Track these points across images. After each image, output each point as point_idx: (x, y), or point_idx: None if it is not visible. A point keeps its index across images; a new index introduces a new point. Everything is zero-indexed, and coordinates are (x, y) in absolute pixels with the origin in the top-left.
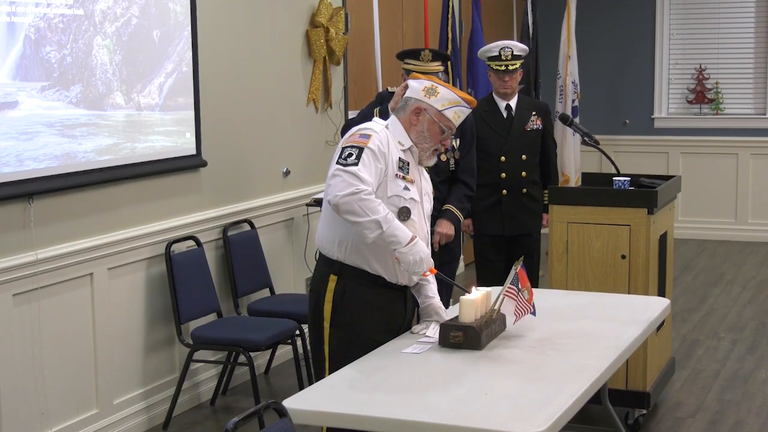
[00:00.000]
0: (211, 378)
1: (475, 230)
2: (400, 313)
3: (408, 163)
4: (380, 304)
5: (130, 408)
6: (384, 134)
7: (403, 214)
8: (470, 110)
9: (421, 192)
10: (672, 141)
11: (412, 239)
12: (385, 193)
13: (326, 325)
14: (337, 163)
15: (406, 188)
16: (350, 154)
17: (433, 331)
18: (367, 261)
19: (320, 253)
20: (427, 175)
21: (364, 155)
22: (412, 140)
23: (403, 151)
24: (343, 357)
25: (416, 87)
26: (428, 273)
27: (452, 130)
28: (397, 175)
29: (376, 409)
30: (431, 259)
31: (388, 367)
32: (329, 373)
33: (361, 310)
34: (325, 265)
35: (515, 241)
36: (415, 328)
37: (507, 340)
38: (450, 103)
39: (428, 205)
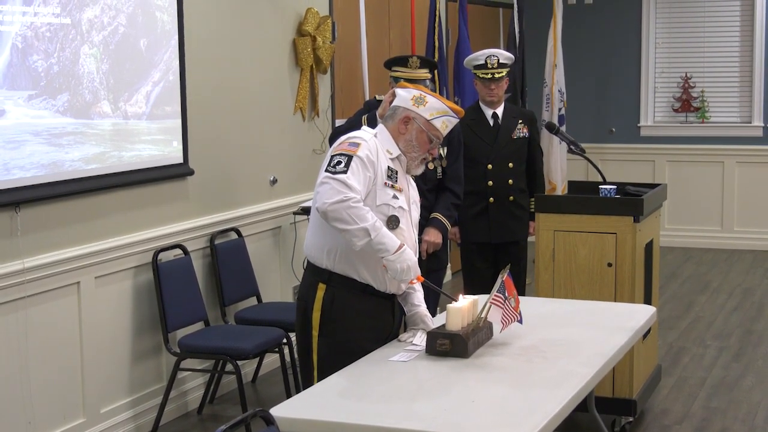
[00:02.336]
0: (199, 386)
1: (462, 238)
2: (387, 321)
3: (396, 172)
4: (368, 312)
5: (118, 417)
6: (373, 143)
7: (392, 222)
8: (458, 120)
9: (409, 200)
10: (658, 149)
11: (399, 247)
12: (374, 202)
13: (315, 333)
14: (326, 170)
15: (395, 197)
16: (339, 162)
17: (419, 339)
18: (355, 269)
19: (308, 261)
20: (414, 184)
21: (353, 163)
22: (400, 149)
23: (392, 159)
24: (331, 365)
25: (405, 96)
26: (415, 281)
27: (440, 139)
28: (386, 183)
29: (363, 417)
30: (418, 268)
31: (375, 375)
32: (317, 382)
33: (350, 319)
34: (314, 273)
35: (502, 249)
36: (402, 336)
37: (494, 348)
38: (438, 112)
39: (416, 213)
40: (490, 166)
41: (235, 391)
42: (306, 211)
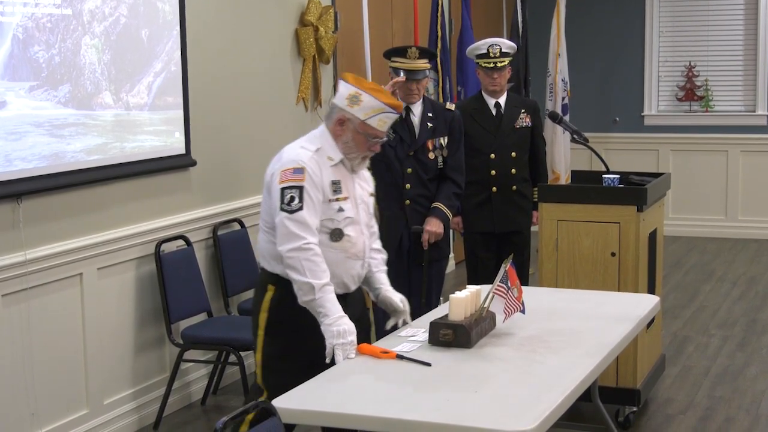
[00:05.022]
0: (202, 377)
1: (466, 228)
2: None
3: (340, 181)
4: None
5: (121, 408)
6: (313, 163)
7: (335, 236)
8: (397, 115)
9: (357, 203)
10: (662, 138)
11: (339, 317)
12: (318, 218)
13: (260, 333)
14: (282, 210)
15: (340, 209)
16: (292, 198)
17: (411, 331)
18: None
19: (260, 265)
20: (364, 176)
21: (305, 195)
22: (340, 151)
23: (335, 165)
24: (275, 365)
25: (341, 93)
26: (353, 355)
27: (380, 137)
28: (330, 200)
29: (365, 408)
30: (355, 336)
31: (377, 365)
32: (261, 380)
33: (295, 321)
34: (265, 276)
35: (505, 239)
36: (388, 324)
37: (497, 339)
38: (374, 110)
39: (366, 211)
40: (493, 156)
41: (238, 382)
42: None
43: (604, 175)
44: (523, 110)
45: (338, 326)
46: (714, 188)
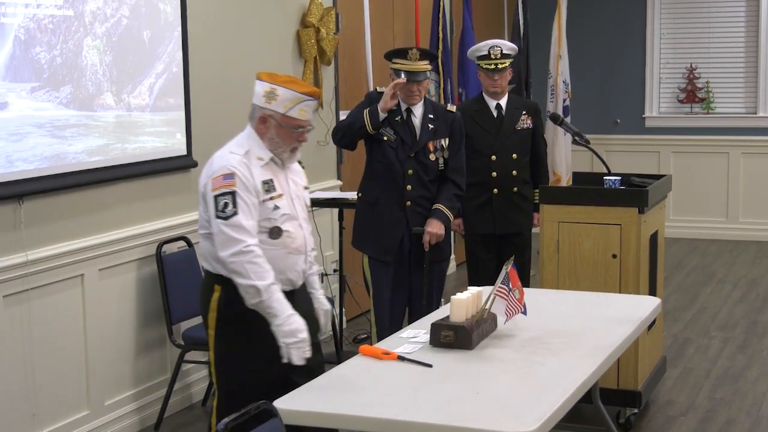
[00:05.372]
0: (203, 379)
1: (466, 229)
2: None
3: (272, 179)
4: None
5: (122, 409)
6: (243, 166)
7: (274, 233)
8: (316, 101)
9: (292, 198)
10: (663, 140)
11: (289, 316)
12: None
13: (211, 333)
14: (218, 217)
15: (276, 207)
16: (226, 204)
17: (412, 332)
18: None
19: (203, 267)
20: (296, 169)
21: (238, 200)
22: (268, 148)
23: (265, 165)
24: (227, 362)
25: (258, 92)
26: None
27: (304, 126)
28: (264, 199)
29: (366, 409)
30: (306, 332)
31: (378, 366)
32: (216, 377)
33: (242, 318)
34: (210, 277)
35: (506, 240)
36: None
37: (498, 340)
38: (292, 102)
39: (302, 205)
40: (494, 157)
41: None
42: (310, 202)
43: (605, 177)
44: (524, 112)
45: (288, 325)
46: (715, 190)
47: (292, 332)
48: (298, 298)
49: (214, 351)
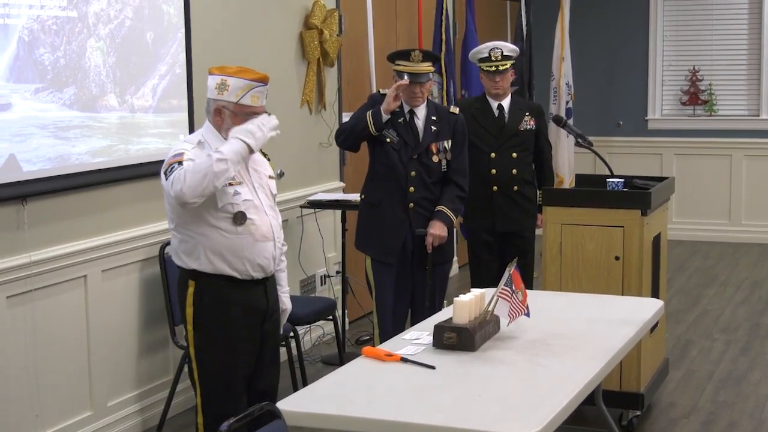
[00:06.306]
0: None
1: (467, 225)
2: (260, 305)
3: None
4: (238, 301)
5: (125, 410)
6: (195, 151)
7: (238, 219)
8: (266, 86)
9: (255, 187)
10: (665, 142)
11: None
12: (215, 205)
13: (190, 328)
14: (167, 180)
15: (236, 193)
16: (172, 168)
17: (415, 334)
18: (218, 263)
19: (176, 264)
20: (258, 158)
21: (185, 163)
22: (226, 140)
23: None
24: (207, 357)
25: (210, 86)
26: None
27: (259, 112)
28: (222, 185)
29: (370, 411)
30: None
31: (380, 368)
32: (197, 374)
33: (219, 311)
34: (183, 272)
35: (508, 241)
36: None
37: (501, 342)
38: (243, 90)
39: (266, 195)
40: (493, 155)
41: None
42: (313, 204)
43: (608, 179)
44: (527, 113)
45: (248, 125)
46: (717, 192)
47: (255, 129)
48: (270, 286)
49: (194, 346)
